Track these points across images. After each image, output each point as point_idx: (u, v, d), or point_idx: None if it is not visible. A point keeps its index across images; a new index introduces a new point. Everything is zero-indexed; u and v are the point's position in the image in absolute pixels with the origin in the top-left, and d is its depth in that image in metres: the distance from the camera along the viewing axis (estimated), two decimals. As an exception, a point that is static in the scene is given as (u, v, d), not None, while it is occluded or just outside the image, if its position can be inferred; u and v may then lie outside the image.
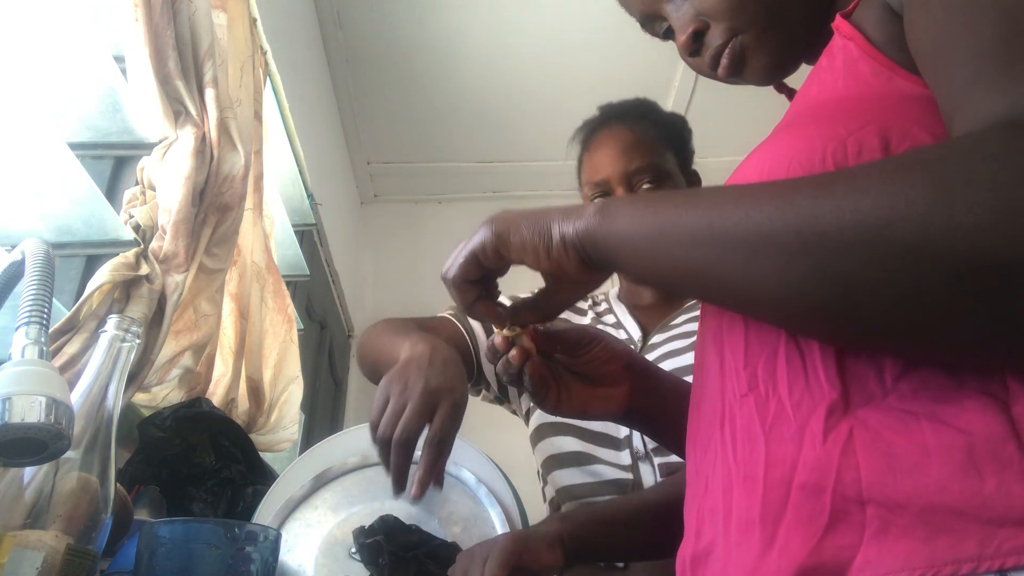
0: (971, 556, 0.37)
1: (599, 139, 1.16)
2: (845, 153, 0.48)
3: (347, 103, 2.49)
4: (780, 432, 0.46)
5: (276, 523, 0.78)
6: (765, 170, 0.53)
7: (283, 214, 1.68)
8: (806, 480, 0.43)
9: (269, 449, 1.37)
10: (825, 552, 0.41)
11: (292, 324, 1.49)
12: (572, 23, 2.24)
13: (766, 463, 0.46)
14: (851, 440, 0.42)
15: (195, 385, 1.08)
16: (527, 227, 0.55)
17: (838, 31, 0.57)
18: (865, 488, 0.41)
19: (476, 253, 0.57)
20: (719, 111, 2.37)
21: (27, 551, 0.50)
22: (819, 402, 0.45)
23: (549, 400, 0.67)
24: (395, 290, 2.74)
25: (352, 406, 2.49)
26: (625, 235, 0.51)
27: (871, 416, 0.42)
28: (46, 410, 0.45)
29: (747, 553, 0.45)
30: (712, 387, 0.54)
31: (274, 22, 1.64)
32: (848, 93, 0.54)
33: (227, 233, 1.10)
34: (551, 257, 0.54)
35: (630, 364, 0.71)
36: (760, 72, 0.70)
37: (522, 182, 2.88)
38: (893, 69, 0.52)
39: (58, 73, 1.00)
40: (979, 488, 0.38)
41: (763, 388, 0.48)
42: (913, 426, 0.41)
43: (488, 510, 0.77)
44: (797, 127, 0.55)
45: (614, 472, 0.98)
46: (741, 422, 0.49)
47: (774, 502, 0.44)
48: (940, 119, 0.47)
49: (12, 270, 0.59)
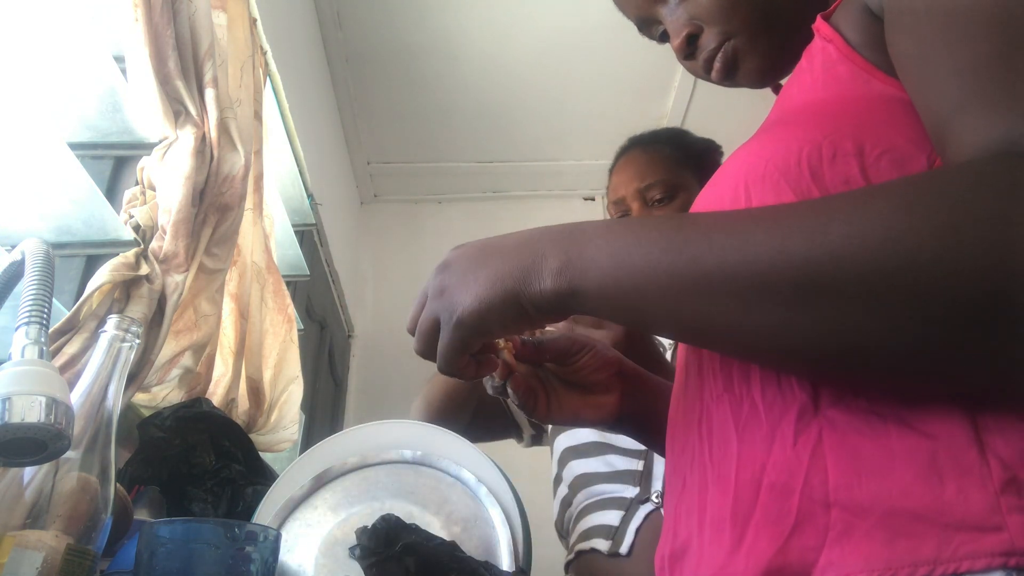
0: (928, 559, 0.37)
1: (619, 164, 1.30)
2: (820, 156, 0.48)
3: (347, 103, 2.49)
4: (752, 433, 0.46)
5: (276, 523, 0.78)
6: (742, 174, 0.52)
7: (283, 214, 1.68)
8: (775, 481, 0.43)
9: (269, 449, 1.37)
10: (791, 553, 0.41)
11: (292, 324, 1.49)
12: (572, 23, 2.24)
13: (738, 463, 0.46)
14: (820, 442, 0.42)
15: (195, 385, 1.08)
16: (499, 307, 0.50)
17: (818, 33, 0.57)
18: (832, 491, 0.41)
19: (457, 349, 0.54)
20: (719, 111, 2.37)
21: (27, 551, 0.50)
22: (791, 404, 0.45)
23: (538, 410, 0.67)
24: (395, 290, 2.74)
25: (352, 406, 2.49)
26: (601, 293, 0.47)
27: (839, 417, 0.43)
28: (46, 410, 0.45)
29: (718, 551, 0.46)
30: (692, 387, 0.54)
31: (274, 22, 1.64)
32: (826, 95, 0.54)
33: (227, 233, 1.10)
34: (535, 324, 0.53)
35: (621, 371, 0.71)
36: (752, 75, 0.71)
37: (522, 182, 2.88)
38: (871, 72, 0.51)
39: (58, 73, 1.00)
40: (940, 493, 0.38)
41: (738, 389, 0.48)
42: (880, 429, 0.41)
43: (488, 510, 0.77)
44: (775, 129, 0.55)
45: (626, 462, 1.01)
46: (717, 422, 0.49)
47: (744, 502, 0.45)
48: (916, 122, 0.46)
49: (12, 270, 0.59)
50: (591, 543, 0.98)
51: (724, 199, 0.54)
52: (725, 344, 0.47)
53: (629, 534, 0.95)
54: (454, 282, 0.53)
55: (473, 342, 0.54)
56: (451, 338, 0.53)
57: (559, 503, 1.11)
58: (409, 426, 0.86)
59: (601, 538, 0.97)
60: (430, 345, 0.55)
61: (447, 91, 2.48)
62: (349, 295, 2.51)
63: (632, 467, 1.00)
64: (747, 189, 0.51)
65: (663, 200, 1.20)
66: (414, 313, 0.57)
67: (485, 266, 0.52)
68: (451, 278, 0.53)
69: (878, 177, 0.46)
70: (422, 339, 0.56)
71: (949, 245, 0.35)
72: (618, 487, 1.00)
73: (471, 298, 0.51)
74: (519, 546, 0.74)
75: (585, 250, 0.48)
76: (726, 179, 0.55)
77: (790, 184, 0.48)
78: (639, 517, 0.95)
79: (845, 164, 0.47)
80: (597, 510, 1.01)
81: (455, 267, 0.54)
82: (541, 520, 0.95)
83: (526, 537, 0.75)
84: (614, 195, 1.27)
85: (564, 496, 1.09)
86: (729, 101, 2.41)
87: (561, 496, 1.10)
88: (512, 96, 2.50)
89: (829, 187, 0.47)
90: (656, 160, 1.24)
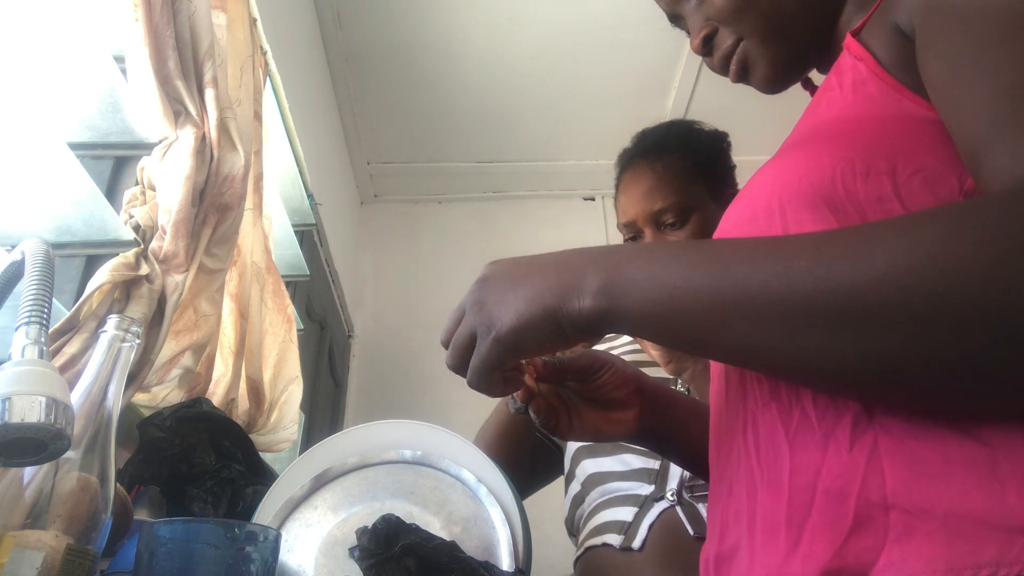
0: (991, 561, 0.38)
1: (626, 180, 1.23)
2: (854, 173, 0.49)
3: (347, 103, 2.49)
4: (804, 439, 0.47)
5: (276, 523, 0.78)
6: (776, 190, 0.53)
7: (283, 214, 1.68)
8: (830, 485, 0.44)
9: (269, 449, 1.37)
10: (848, 554, 0.42)
11: (292, 324, 1.49)
12: (572, 23, 2.24)
13: (790, 469, 0.47)
14: (876, 448, 0.43)
15: (195, 385, 1.08)
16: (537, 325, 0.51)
17: (848, 50, 0.58)
18: (890, 494, 0.42)
19: (492, 366, 0.54)
20: (719, 112, 2.36)
21: (27, 551, 0.50)
22: (844, 412, 0.45)
23: (560, 429, 0.68)
24: (395, 290, 2.74)
25: (352, 406, 2.49)
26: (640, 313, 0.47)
27: (894, 423, 0.43)
28: (46, 410, 0.45)
29: (773, 555, 0.46)
30: (734, 396, 0.54)
31: (274, 22, 1.64)
32: (856, 113, 0.54)
33: (227, 233, 1.10)
34: (570, 343, 0.52)
35: (640, 387, 0.72)
36: (762, 82, 0.72)
37: (522, 182, 2.88)
38: (901, 91, 0.52)
39: (58, 73, 1.00)
40: (1002, 498, 0.39)
41: (785, 397, 0.49)
42: (936, 435, 0.42)
43: (488, 510, 0.77)
44: (805, 145, 0.56)
45: (641, 461, 1.01)
46: (764, 429, 0.50)
47: (799, 506, 0.45)
48: (945, 143, 0.47)
49: (12, 270, 0.59)
50: (603, 538, 0.98)
51: (757, 214, 0.54)
52: (767, 365, 0.47)
53: (642, 529, 0.94)
54: (493, 298, 0.53)
55: (509, 359, 0.54)
56: (487, 354, 0.53)
57: (570, 500, 1.11)
58: (409, 426, 0.86)
59: (613, 533, 0.97)
60: (463, 360, 0.55)
61: (447, 91, 2.48)
62: (349, 295, 2.51)
63: (649, 465, 1.00)
64: (781, 204, 0.52)
65: (676, 224, 1.15)
66: (449, 327, 0.57)
67: (524, 283, 0.52)
68: (489, 294, 0.53)
69: (910, 195, 0.47)
70: (456, 354, 0.55)
71: (996, 275, 0.36)
72: (633, 485, 1.00)
73: (510, 315, 0.51)
74: (519, 546, 0.74)
75: (625, 270, 0.48)
76: (758, 194, 0.55)
77: (825, 200, 0.49)
78: (653, 514, 0.95)
79: (878, 182, 0.48)
80: (610, 507, 1.01)
81: (493, 283, 0.54)
82: (541, 520, 0.95)
83: (526, 537, 0.75)
84: (624, 216, 1.20)
85: (576, 494, 1.09)
86: (729, 101, 2.41)
87: (573, 493, 1.10)
88: (512, 96, 2.50)
89: (863, 204, 0.48)
90: (666, 179, 1.17)
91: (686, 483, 0.96)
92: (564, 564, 1.11)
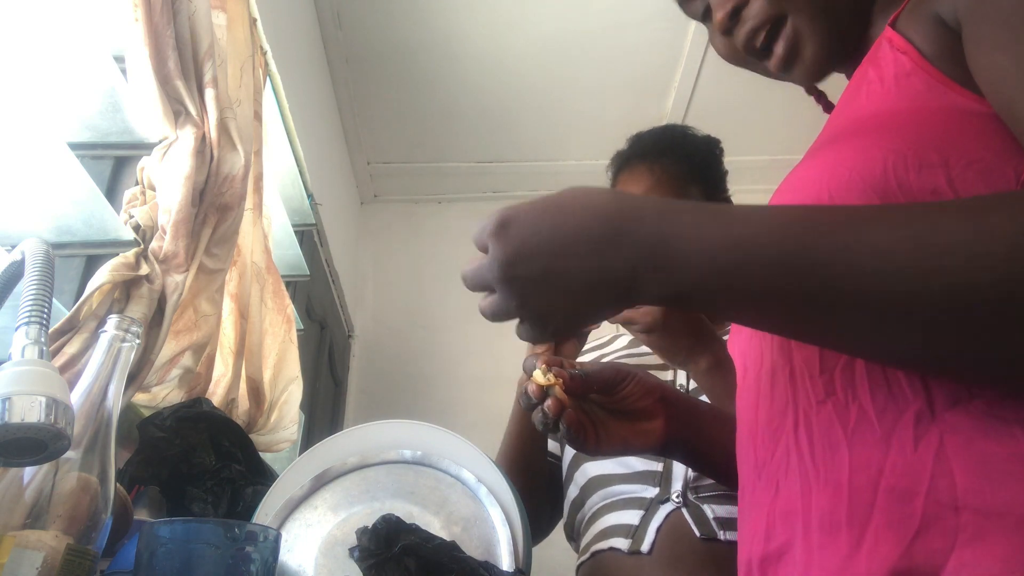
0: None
1: (623, 180, 1.22)
2: (906, 166, 0.48)
3: (347, 103, 2.49)
4: (864, 437, 0.46)
5: (276, 523, 0.78)
6: (824, 183, 0.52)
7: (283, 214, 1.68)
8: (894, 484, 0.44)
9: (269, 449, 1.37)
10: (917, 555, 0.41)
11: (292, 324, 1.49)
12: (572, 23, 2.24)
13: (850, 467, 0.46)
14: (943, 447, 0.43)
15: (195, 385, 1.08)
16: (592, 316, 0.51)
17: (889, 43, 0.56)
18: (961, 494, 0.41)
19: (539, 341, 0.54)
20: (719, 112, 2.37)
21: (27, 551, 0.50)
22: (904, 409, 0.45)
23: (588, 443, 0.68)
24: (395, 290, 2.74)
25: (352, 406, 2.49)
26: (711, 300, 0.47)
27: (961, 421, 0.43)
28: (46, 410, 0.45)
29: (833, 555, 0.46)
30: (780, 395, 0.53)
31: (274, 22, 1.64)
32: (899, 107, 0.53)
33: (227, 233, 1.10)
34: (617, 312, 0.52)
35: (663, 397, 0.73)
36: (811, 66, 0.66)
37: (522, 182, 2.88)
38: (948, 84, 0.51)
39: (58, 73, 1.00)
40: None
41: (842, 395, 0.48)
42: (1005, 433, 0.41)
43: (488, 510, 0.77)
44: (852, 138, 0.55)
45: (645, 463, 1.00)
46: (819, 428, 0.49)
47: (860, 505, 0.45)
48: (997, 135, 0.47)
49: (12, 270, 0.59)
50: (609, 542, 0.97)
51: None
52: (851, 347, 0.47)
53: (650, 532, 0.94)
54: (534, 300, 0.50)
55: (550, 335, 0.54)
56: (534, 334, 0.53)
57: (568, 505, 1.10)
58: (409, 426, 0.86)
59: (620, 537, 0.96)
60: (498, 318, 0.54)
61: (447, 91, 2.48)
62: (349, 295, 2.51)
63: (652, 468, 0.99)
64: (831, 197, 0.51)
65: None
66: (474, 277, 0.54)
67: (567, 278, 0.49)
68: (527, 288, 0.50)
69: (965, 188, 0.46)
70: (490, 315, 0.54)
71: None
72: (636, 487, 0.99)
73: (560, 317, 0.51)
74: (519, 546, 0.74)
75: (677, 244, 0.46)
76: (807, 186, 0.54)
77: (877, 192, 0.48)
78: (660, 516, 0.95)
79: (932, 174, 0.47)
80: (614, 510, 1.00)
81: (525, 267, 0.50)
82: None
83: (526, 537, 0.75)
84: None
85: (575, 498, 1.08)
86: (729, 101, 2.42)
87: (571, 498, 1.09)
88: (512, 96, 2.50)
89: (917, 196, 0.47)
90: (664, 180, 1.18)
91: (691, 484, 0.96)
92: (564, 564, 1.10)
